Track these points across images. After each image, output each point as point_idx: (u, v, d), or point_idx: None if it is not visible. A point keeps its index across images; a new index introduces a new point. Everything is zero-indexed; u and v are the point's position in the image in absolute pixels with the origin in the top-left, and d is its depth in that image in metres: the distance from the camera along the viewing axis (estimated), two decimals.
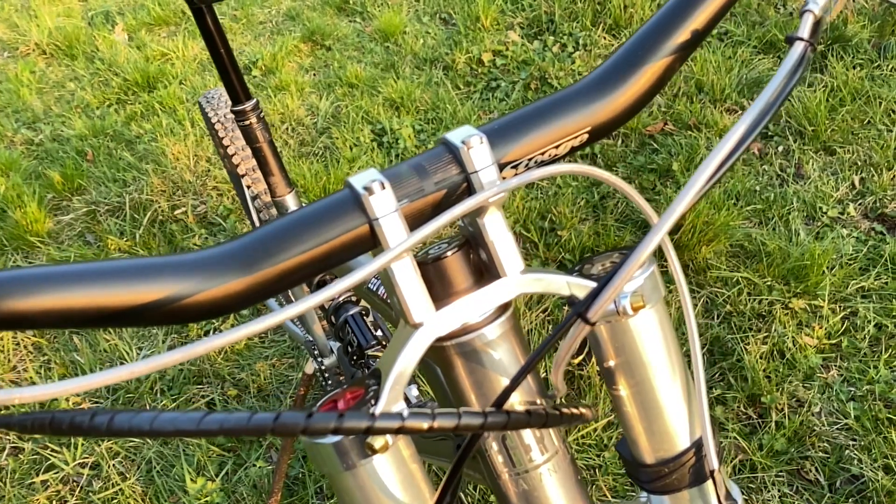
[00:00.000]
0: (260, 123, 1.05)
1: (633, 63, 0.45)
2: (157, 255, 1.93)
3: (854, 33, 2.52)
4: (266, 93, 2.76)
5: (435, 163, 0.41)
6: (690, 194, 0.38)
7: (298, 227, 0.38)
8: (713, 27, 0.46)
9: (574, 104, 0.44)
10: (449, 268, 0.44)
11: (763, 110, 0.40)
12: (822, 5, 0.43)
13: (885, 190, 2.03)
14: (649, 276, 0.48)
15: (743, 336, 1.73)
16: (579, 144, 0.45)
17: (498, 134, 0.42)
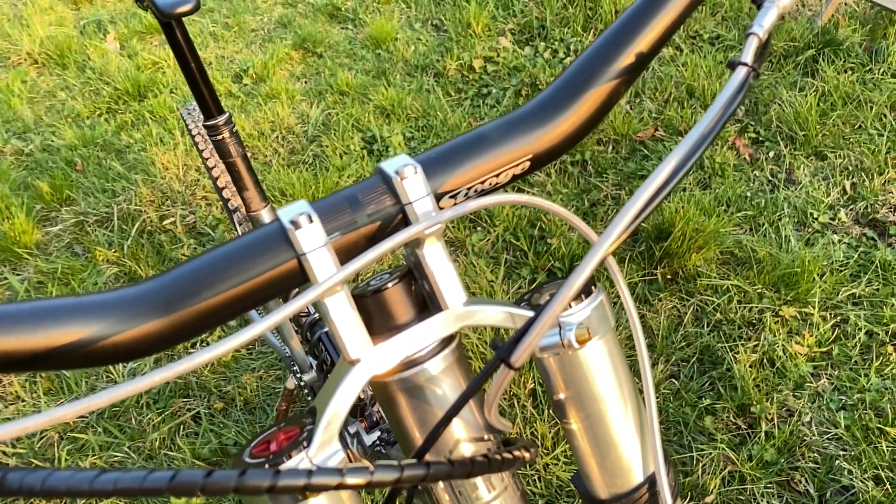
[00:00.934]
0: (233, 138, 1.03)
1: (576, 89, 0.43)
2: (92, 290, 1.86)
3: (845, 37, 2.51)
4: (256, 101, 2.75)
5: (369, 194, 0.40)
6: (623, 223, 0.36)
7: (222, 264, 0.37)
8: (659, 49, 0.45)
9: (515, 132, 0.43)
10: (389, 300, 0.43)
11: (704, 134, 0.39)
12: (766, 28, 0.42)
13: (877, 195, 2.02)
14: (597, 306, 0.46)
15: (733, 345, 1.71)
16: (521, 172, 0.44)
17: (435, 163, 0.41)
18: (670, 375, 1.70)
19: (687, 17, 0.45)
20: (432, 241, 0.41)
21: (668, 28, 0.44)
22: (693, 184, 2.12)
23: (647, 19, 0.44)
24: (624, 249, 1.97)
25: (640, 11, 0.44)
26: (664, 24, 0.44)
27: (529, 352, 0.37)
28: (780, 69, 2.50)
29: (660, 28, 0.44)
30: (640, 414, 0.49)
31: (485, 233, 2.12)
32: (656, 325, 1.78)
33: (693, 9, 0.45)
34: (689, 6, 0.44)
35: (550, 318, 0.36)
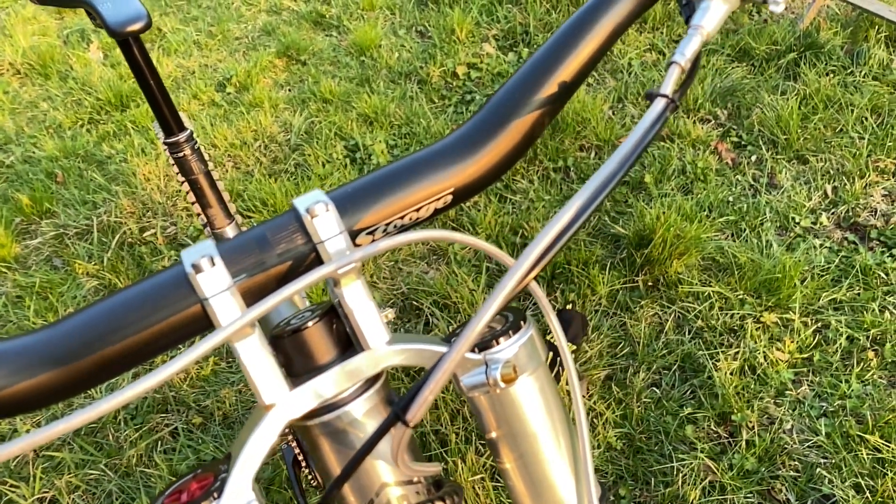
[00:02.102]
0: (194, 155, 1.02)
1: (499, 121, 0.42)
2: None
3: (826, 40, 2.51)
4: (239, 110, 2.74)
5: (279, 232, 0.38)
6: (532, 258, 0.35)
7: (121, 312, 0.36)
8: (583, 79, 0.44)
9: (436, 165, 0.42)
10: (308, 340, 0.41)
11: (620, 163, 0.38)
12: (689, 57, 0.41)
13: (858, 199, 2.01)
14: (526, 342, 0.45)
15: (714, 352, 1.70)
16: (444, 206, 0.43)
17: (350, 199, 0.40)
18: (652, 384, 1.69)
19: (609, 47, 0.44)
20: (350, 279, 0.40)
21: (590, 57, 0.43)
22: (675, 189, 2.12)
23: (569, 49, 0.43)
24: (605, 256, 1.96)
25: (562, 41, 0.43)
26: (586, 54, 0.43)
27: (426, 408, 0.36)
28: (761, 73, 2.49)
29: (582, 58, 0.43)
30: (574, 450, 0.48)
31: None
32: (637, 333, 1.77)
33: (615, 40, 0.44)
34: (610, 36, 0.43)
35: (446, 375, 0.35)
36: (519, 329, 0.46)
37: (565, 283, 1.92)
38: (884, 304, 1.76)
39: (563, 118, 2.36)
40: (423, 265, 2.07)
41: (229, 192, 2.32)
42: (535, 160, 2.32)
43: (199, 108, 2.80)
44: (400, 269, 2.06)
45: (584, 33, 0.43)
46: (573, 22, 0.44)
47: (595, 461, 1.55)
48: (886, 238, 1.91)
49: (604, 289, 1.87)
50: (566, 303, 1.87)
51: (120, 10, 0.83)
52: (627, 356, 1.75)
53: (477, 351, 0.44)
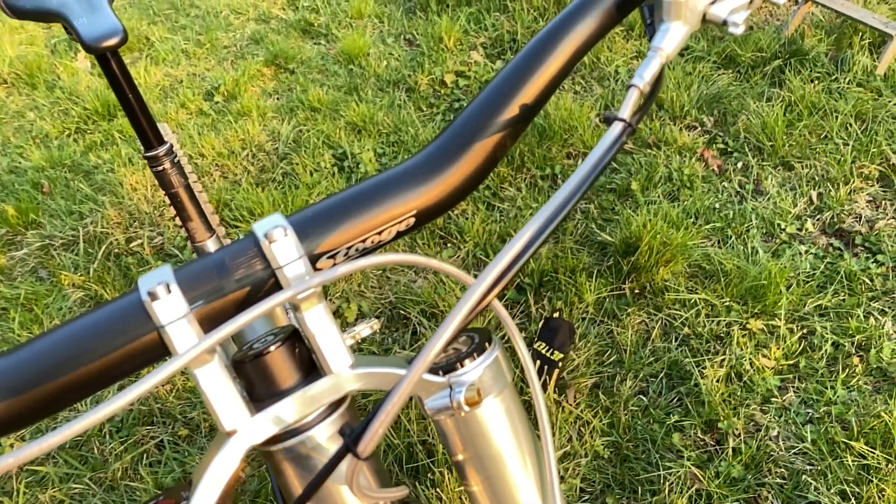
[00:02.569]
0: (174, 168, 1.02)
1: (462, 143, 0.42)
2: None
3: (811, 47, 2.52)
4: (227, 118, 2.73)
5: (238, 258, 0.38)
6: (489, 279, 0.35)
7: (76, 341, 0.35)
8: (545, 102, 0.44)
9: (399, 188, 0.42)
10: (270, 365, 0.41)
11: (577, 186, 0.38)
12: (647, 80, 0.41)
13: (843, 205, 2.03)
14: (490, 364, 0.45)
15: (701, 359, 1.71)
16: (406, 229, 0.42)
17: (310, 223, 0.40)
18: (639, 392, 1.69)
19: (570, 70, 0.44)
20: (311, 304, 0.40)
21: (551, 81, 0.43)
22: (662, 196, 2.12)
23: (530, 74, 0.43)
24: (592, 264, 1.97)
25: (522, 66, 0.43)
26: (546, 78, 0.43)
27: (378, 439, 0.36)
28: (747, 79, 2.51)
29: (542, 81, 0.43)
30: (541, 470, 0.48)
31: (455, 249, 2.11)
32: (624, 341, 1.77)
33: (575, 62, 0.44)
34: (570, 60, 0.44)
35: (399, 404, 0.35)
36: (484, 351, 0.46)
37: (552, 291, 1.92)
38: (868, 310, 1.76)
39: (550, 126, 2.37)
40: (410, 274, 2.07)
41: (217, 202, 2.32)
42: (523, 168, 2.33)
43: (187, 117, 2.80)
44: (388, 278, 2.06)
45: (544, 58, 0.43)
46: (533, 46, 0.44)
47: (582, 470, 1.55)
48: (871, 244, 1.92)
49: (591, 296, 1.87)
50: (553, 311, 1.87)
51: (95, 25, 0.83)
52: (615, 364, 1.75)
53: (441, 374, 0.44)
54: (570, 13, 0.45)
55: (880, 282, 1.82)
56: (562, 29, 0.44)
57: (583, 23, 0.44)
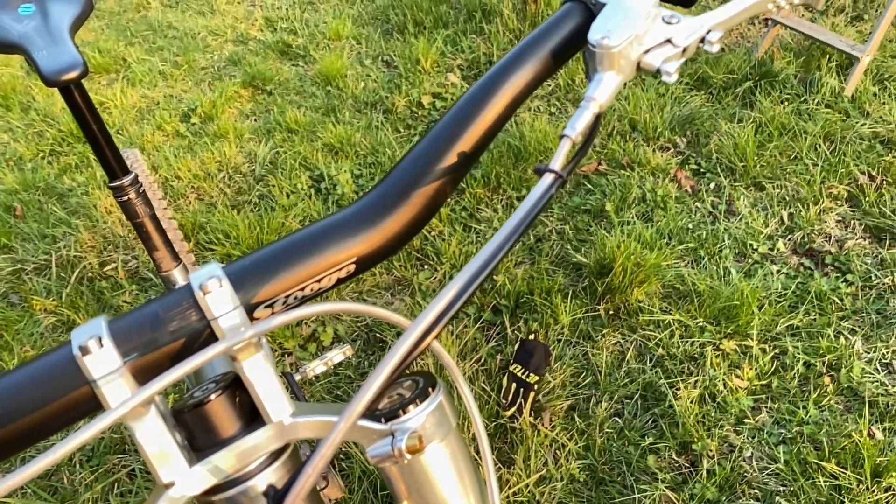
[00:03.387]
0: (139, 198, 1.01)
1: (402, 190, 0.43)
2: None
3: (781, 68, 2.57)
4: (204, 140, 2.72)
5: (172, 309, 0.38)
6: (422, 326, 0.35)
7: (8, 395, 0.35)
8: (484, 149, 0.45)
9: (338, 235, 0.42)
10: (210, 415, 0.41)
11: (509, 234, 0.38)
12: (580, 130, 0.42)
13: (813, 225, 2.06)
14: (434, 410, 0.45)
15: (675, 380, 1.71)
16: (347, 276, 0.42)
17: (246, 273, 0.40)
18: (614, 413, 1.69)
19: (509, 117, 0.45)
20: (249, 354, 0.40)
21: (489, 128, 0.44)
22: (636, 217, 2.14)
23: (468, 122, 0.43)
24: (567, 285, 1.98)
25: (461, 114, 0.44)
26: (485, 126, 0.44)
27: (305, 494, 0.35)
28: (719, 101, 2.55)
29: (481, 129, 0.43)
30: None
31: (431, 271, 2.11)
32: (599, 363, 1.78)
33: (514, 110, 0.45)
34: (508, 108, 0.44)
35: (326, 458, 0.35)
36: (427, 396, 0.46)
37: (529, 313, 1.92)
38: (839, 330, 1.79)
39: (525, 148, 2.38)
40: (387, 296, 2.07)
41: (192, 225, 2.30)
42: (499, 189, 2.34)
43: (164, 139, 2.78)
44: (364, 301, 2.05)
45: (483, 106, 0.43)
46: (472, 95, 0.44)
47: (558, 494, 1.54)
48: (840, 263, 1.95)
49: (566, 318, 1.88)
50: (529, 332, 1.87)
51: (56, 58, 0.82)
52: (590, 386, 1.75)
53: (384, 421, 0.44)
54: (507, 62, 0.45)
55: (850, 301, 1.85)
56: (500, 78, 0.44)
57: (520, 72, 0.44)
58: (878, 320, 1.80)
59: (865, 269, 1.92)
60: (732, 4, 0.45)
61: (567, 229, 2.15)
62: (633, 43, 0.43)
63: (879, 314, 1.82)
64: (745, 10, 0.45)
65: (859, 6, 3.04)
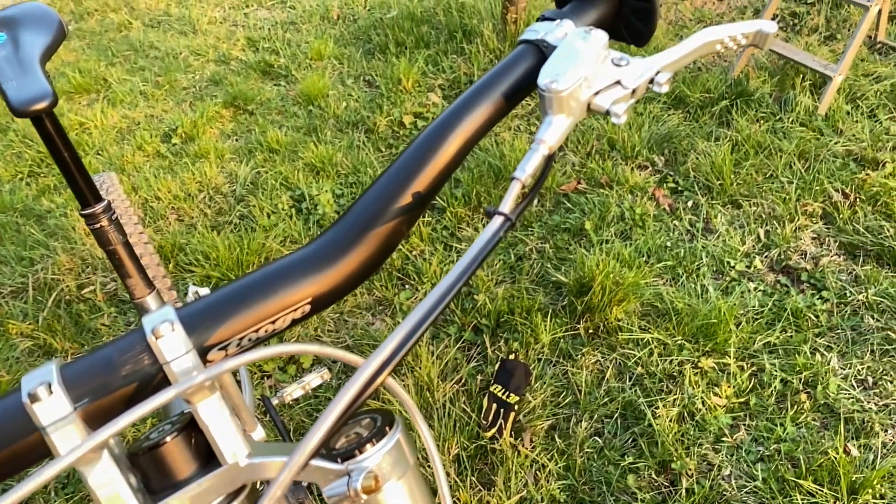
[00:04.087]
0: (112, 225, 1.01)
1: (358, 230, 0.43)
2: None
3: (756, 88, 2.62)
4: (184, 161, 2.72)
5: (125, 353, 0.38)
6: (375, 364, 0.36)
7: None
8: (439, 188, 0.45)
9: (293, 276, 0.42)
10: (166, 457, 0.41)
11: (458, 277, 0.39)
12: (529, 172, 0.42)
13: (789, 242, 2.08)
14: (391, 448, 0.45)
15: (654, 399, 1.72)
16: (301, 316, 0.43)
17: (200, 316, 0.40)
18: (594, 433, 1.70)
19: (464, 157, 0.46)
20: (203, 396, 0.40)
21: (445, 168, 0.44)
22: (614, 235, 2.16)
23: (424, 162, 0.44)
24: (547, 304, 1.98)
25: (417, 154, 0.44)
26: (440, 166, 0.44)
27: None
28: (696, 119, 2.58)
29: (436, 169, 0.44)
30: None
31: (412, 290, 2.11)
32: (579, 382, 1.78)
33: (469, 149, 0.46)
34: (463, 148, 0.45)
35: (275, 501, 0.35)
36: (384, 435, 0.46)
37: (509, 332, 1.92)
38: (815, 347, 1.80)
39: (505, 167, 2.40)
40: (368, 316, 2.06)
41: (171, 246, 2.29)
42: (479, 208, 2.35)
43: (144, 159, 2.78)
44: (345, 322, 2.05)
45: (438, 147, 0.44)
46: (427, 136, 0.45)
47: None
48: (816, 280, 1.97)
49: (546, 337, 1.88)
50: (510, 352, 1.88)
51: (24, 89, 0.82)
52: (570, 405, 1.75)
53: (340, 461, 0.44)
54: (461, 104, 0.46)
55: (825, 318, 1.87)
56: (454, 120, 0.45)
57: (474, 114, 0.45)
58: (852, 336, 1.82)
59: (840, 286, 1.95)
60: (680, 46, 0.46)
61: (547, 248, 2.16)
62: (583, 85, 0.44)
63: (854, 330, 1.84)
64: (693, 51, 0.46)
65: (832, 26, 3.10)
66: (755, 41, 0.47)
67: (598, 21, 0.51)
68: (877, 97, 2.59)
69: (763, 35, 0.47)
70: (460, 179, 2.44)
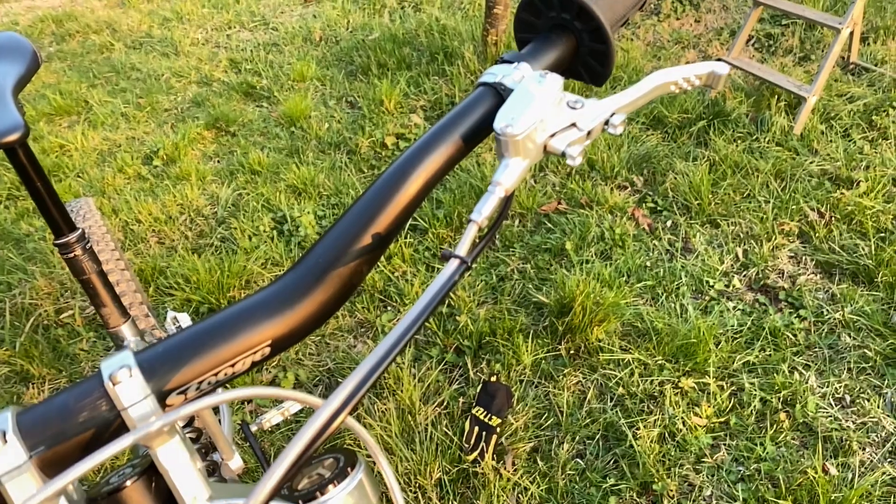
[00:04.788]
0: (86, 254, 1.00)
1: (318, 273, 0.43)
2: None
3: (733, 108, 2.66)
4: (166, 183, 2.71)
5: (82, 400, 0.38)
6: (334, 406, 0.36)
7: None
8: (399, 230, 0.46)
9: (252, 319, 0.42)
10: (127, 501, 0.41)
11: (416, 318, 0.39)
12: (485, 216, 0.43)
13: (766, 261, 2.11)
14: (353, 489, 0.45)
15: (635, 420, 1.72)
16: (261, 358, 0.43)
17: (158, 361, 0.40)
18: (576, 454, 1.69)
19: (423, 198, 0.46)
20: (163, 441, 0.40)
21: (404, 210, 0.45)
22: (595, 255, 2.17)
23: (384, 204, 0.44)
24: (529, 325, 1.99)
25: (377, 196, 0.45)
26: (400, 207, 0.45)
27: None
28: (674, 140, 2.62)
29: (396, 211, 0.45)
30: None
31: (395, 312, 2.11)
32: (561, 403, 1.78)
33: (428, 191, 0.46)
34: (422, 189, 0.46)
35: None
36: (346, 476, 0.46)
37: (491, 354, 1.93)
38: (793, 365, 1.82)
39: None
40: (349, 339, 2.06)
41: (152, 269, 2.27)
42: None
43: (125, 181, 2.76)
44: (326, 344, 2.04)
45: (397, 189, 0.45)
46: (387, 178, 0.45)
47: None
48: (793, 299, 1.99)
49: (528, 358, 1.88)
50: (492, 374, 1.88)
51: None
52: (552, 427, 1.75)
53: (301, 503, 0.44)
54: (420, 147, 0.47)
55: (803, 336, 1.89)
56: (413, 162, 0.46)
57: (433, 156, 0.46)
58: (830, 355, 1.84)
59: (817, 305, 1.97)
60: (634, 89, 0.47)
61: (529, 268, 2.17)
62: (538, 128, 0.44)
63: (831, 349, 1.86)
64: (647, 94, 0.47)
65: (806, 47, 3.16)
66: (708, 82, 0.48)
67: (555, 63, 0.52)
68: (850, 117, 2.64)
69: (716, 76, 0.48)
70: (442, 200, 2.45)
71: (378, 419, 1.75)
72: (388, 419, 1.75)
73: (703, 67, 0.48)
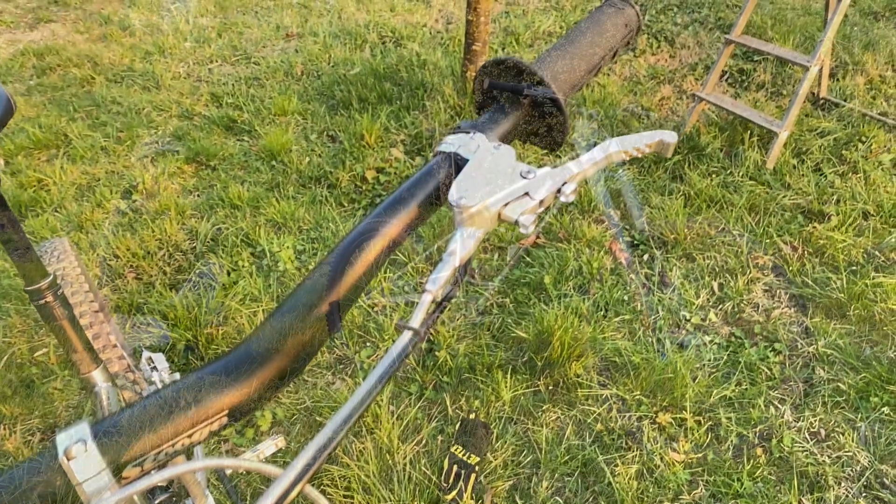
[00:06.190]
0: (57, 300, 0.99)
1: (275, 340, 0.44)
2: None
3: (707, 143, 2.71)
4: (145, 218, 2.70)
5: (35, 475, 0.38)
6: (294, 472, 0.36)
7: None
8: (356, 298, 0.46)
9: (209, 390, 0.42)
10: None
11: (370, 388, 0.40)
12: (440, 286, 0.44)
13: (741, 294, 2.13)
14: None
15: (613, 456, 1.72)
16: (219, 427, 0.43)
17: (114, 433, 0.40)
18: (555, 492, 1.69)
19: (381, 267, 0.47)
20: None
21: (361, 278, 0.46)
22: (573, 289, 2.19)
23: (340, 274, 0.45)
24: (508, 360, 1.99)
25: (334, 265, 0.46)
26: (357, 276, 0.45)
27: None
28: (650, 174, 2.66)
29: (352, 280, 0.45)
30: None
31: (374, 348, 2.11)
32: (540, 440, 1.78)
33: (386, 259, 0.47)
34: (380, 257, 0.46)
35: None
36: None
37: (470, 390, 1.92)
38: (769, 399, 1.83)
39: None
40: (328, 376, 2.04)
41: (129, 305, 2.25)
42: None
43: (104, 216, 2.75)
44: (304, 381, 2.02)
45: (354, 259, 0.45)
46: (344, 247, 0.46)
47: None
48: (768, 333, 2.02)
49: (507, 394, 1.88)
50: (470, 410, 1.87)
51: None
52: (531, 464, 1.75)
53: None
54: (378, 216, 0.48)
55: (778, 370, 1.91)
56: (370, 231, 0.47)
57: (390, 225, 0.47)
58: (805, 389, 1.86)
59: (792, 338, 2.00)
60: (585, 159, 0.48)
61: (508, 302, 2.18)
62: (492, 199, 0.45)
63: (806, 383, 1.88)
64: (597, 163, 0.49)
65: (777, 82, 3.24)
66: (658, 149, 0.50)
67: (510, 133, 0.53)
68: (821, 151, 2.70)
69: (665, 144, 0.50)
70: (422, 235, 2.46)
71: (356, 458, 1.74)
72: (366, 458, 1.74)
73: (652, 137, 0.49)
